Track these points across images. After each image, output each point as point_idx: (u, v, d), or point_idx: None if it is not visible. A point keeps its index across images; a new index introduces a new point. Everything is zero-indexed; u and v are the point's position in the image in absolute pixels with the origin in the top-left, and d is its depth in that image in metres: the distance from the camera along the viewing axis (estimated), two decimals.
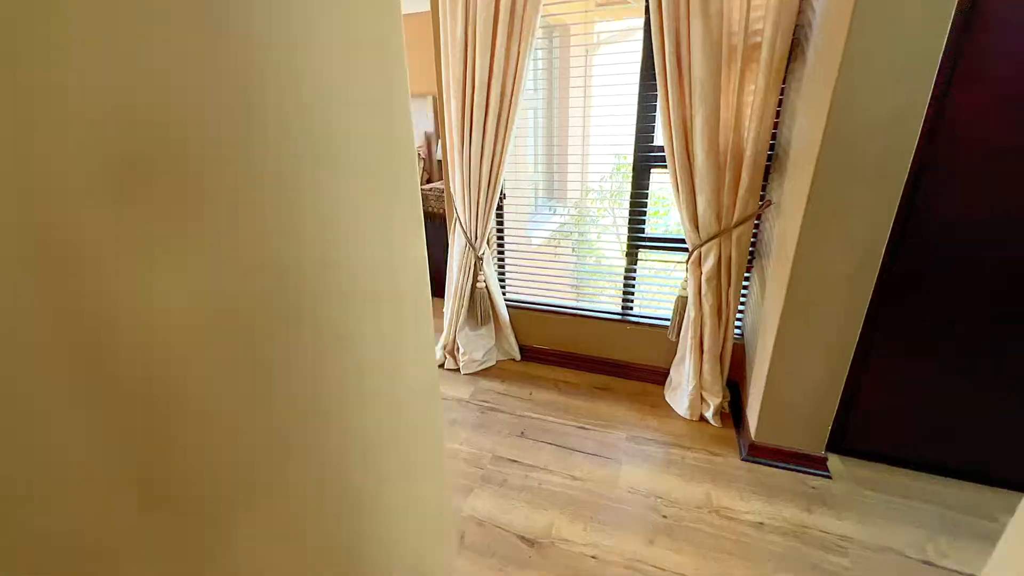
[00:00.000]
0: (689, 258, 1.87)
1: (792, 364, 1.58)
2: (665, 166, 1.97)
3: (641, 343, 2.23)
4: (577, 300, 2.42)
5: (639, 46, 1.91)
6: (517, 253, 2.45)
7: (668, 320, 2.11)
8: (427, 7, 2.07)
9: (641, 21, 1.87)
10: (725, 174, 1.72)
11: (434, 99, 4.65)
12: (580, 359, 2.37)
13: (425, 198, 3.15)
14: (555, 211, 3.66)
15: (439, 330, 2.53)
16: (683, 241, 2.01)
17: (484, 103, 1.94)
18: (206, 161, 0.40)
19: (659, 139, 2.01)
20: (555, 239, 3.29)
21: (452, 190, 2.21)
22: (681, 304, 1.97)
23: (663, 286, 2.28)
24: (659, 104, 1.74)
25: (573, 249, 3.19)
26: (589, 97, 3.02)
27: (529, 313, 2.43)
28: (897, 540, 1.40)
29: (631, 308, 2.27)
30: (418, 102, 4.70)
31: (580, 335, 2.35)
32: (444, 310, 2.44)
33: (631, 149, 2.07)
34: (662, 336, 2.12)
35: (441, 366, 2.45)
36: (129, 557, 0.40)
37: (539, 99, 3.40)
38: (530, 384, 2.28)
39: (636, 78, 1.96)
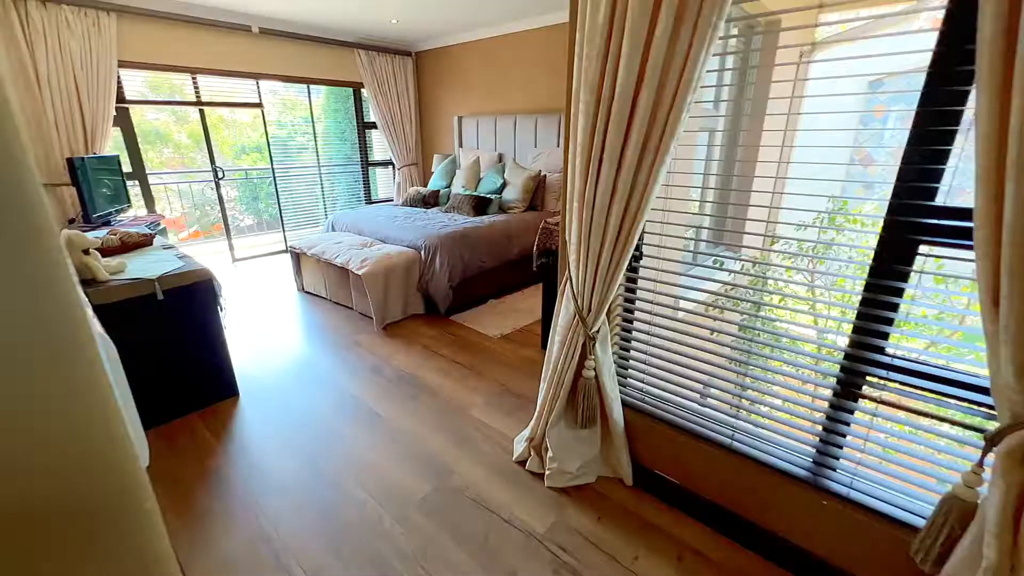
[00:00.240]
0: (995, 441, 0.92)
1: None
2: (957, 244, 1.06)
3: (845, 535, 1.29)
4: (735, 418, 1.57)
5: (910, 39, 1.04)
6: (652, 335, 1.71)
7: (916, 517, 1.15)
8: (556, 19, 1.51)
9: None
10: None
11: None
12: (726, 517, 1.52)
13: (550, 233, 2.60)
14: (721, 265, 2.75)
15: (532, 403, 1.94)
16: (976, 389, 1.05)
17: (625, 121, 1.29)
18: None
19: (944, 196, 1.09)
20: (716, 303, 2.41)
21: (567, 237, 1.60)
22: (956, 512, 1.01)
23: (914, 455, 1.28)
24: (979, 131, 0.86)
25: (741, 328, 2.27)
26: (796, 116, 2.10)
27: (655, 425, 1.67)
28: None
29: (833, 469, 1.34)
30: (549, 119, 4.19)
31: (733, 480, 1.50)
32: (539, 390, 1.84)
33: (869, 201, 1.18)
34: (898, 543, 1.16)
35: (521, 464, 1.85)
36: None
37: (721, 116, 2.57)
38: (638, 536, 1.53)
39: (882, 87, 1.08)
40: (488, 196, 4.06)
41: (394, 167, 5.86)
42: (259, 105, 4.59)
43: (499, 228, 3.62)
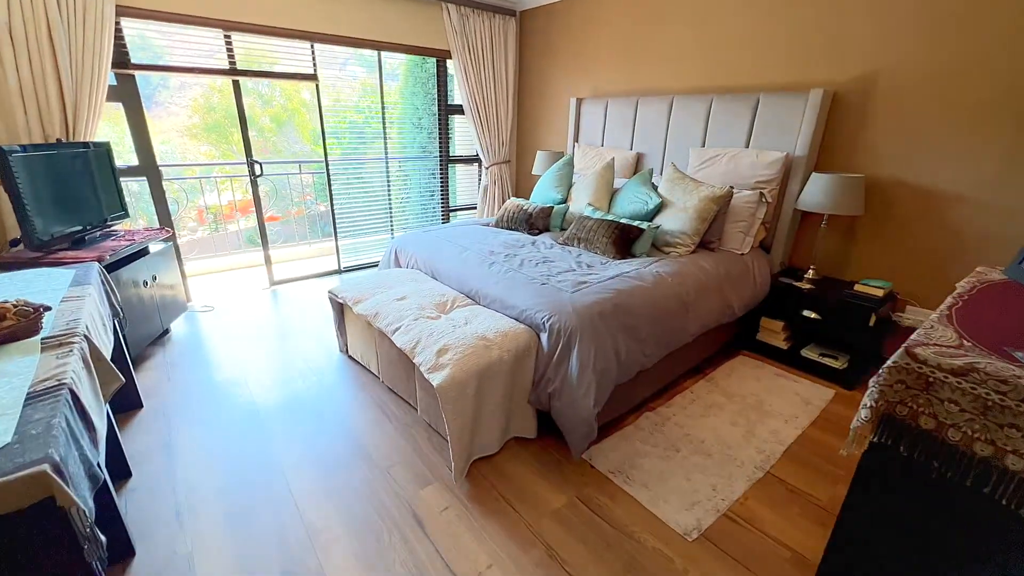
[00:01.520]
0: None
1: None
2: None
3: None
4: None
5: None
6: None
7: None
8: None
9: None
10: None
11: (832, 95, 2.34)
12: None
13: (927, 385, 1.05)
14: None
15: None
16: None
17: None
18: None
19: None
20: None
21: None
22: None
23: None
24: None
25: None
26: None
27: None
28: None
29: None
30: (790, 101, 2.51)
31: None
32: None
33: None
34: None
35: None
36: None
37: None
38: None
39: None
40: (638, 225, 2.52)
41: (480, 165, 4.49)
42: (313, 77, 3.38)
43: (669, 287, 2.08)
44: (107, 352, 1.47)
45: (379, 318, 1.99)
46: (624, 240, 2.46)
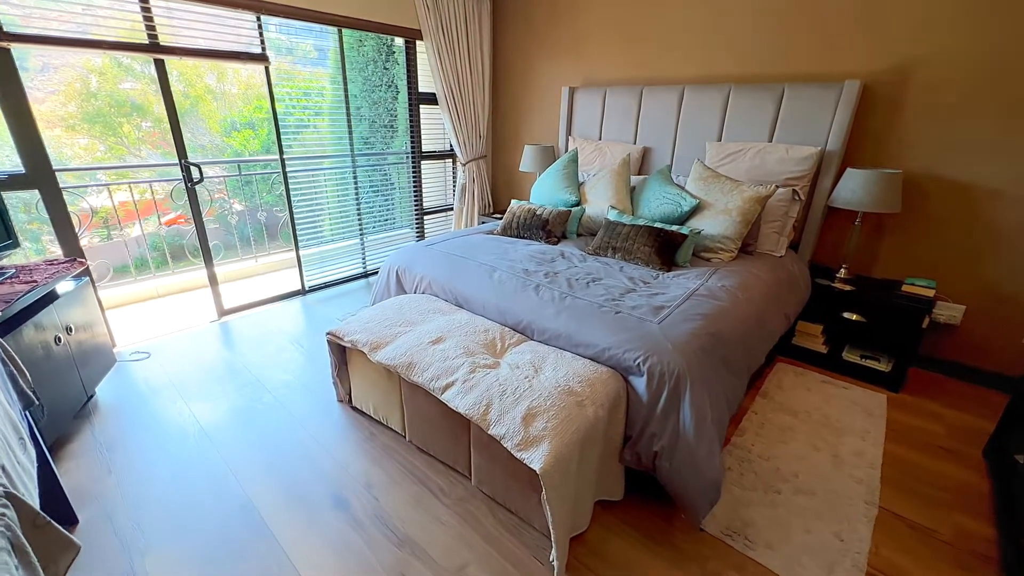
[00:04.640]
0: None
1: None
2: None
3: None
4: None
5: None
6: None
7: None
8: None
9: None
10: None
11: (865, 86, 2.27)
12: None
13: None
14: None
15: None
16: None
17: None
18: None
19: None
20: None
21: None
22: None
23: None
24: None
25: None
26: None
27: None
28: None
29: None
30: (820, 92, 2.36)
31: None
32: None
33: None
34: None
35: None
36: None
37: None
38: None
39: None
40: (678, 230, 2.27)
41: (455, 162, 4.04)
42: (262, 58, 2.74)
43: (743, 304, 1.84)
44: (34, 492, 0.93)
45: (416, 370, 1.55)
46: (668, 248, 2.20)
